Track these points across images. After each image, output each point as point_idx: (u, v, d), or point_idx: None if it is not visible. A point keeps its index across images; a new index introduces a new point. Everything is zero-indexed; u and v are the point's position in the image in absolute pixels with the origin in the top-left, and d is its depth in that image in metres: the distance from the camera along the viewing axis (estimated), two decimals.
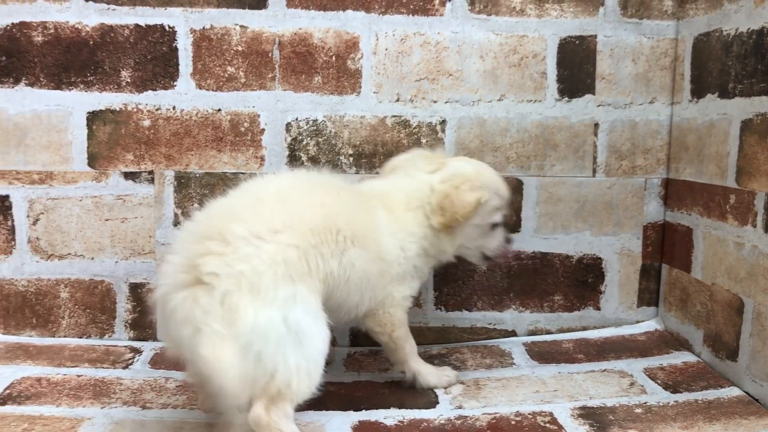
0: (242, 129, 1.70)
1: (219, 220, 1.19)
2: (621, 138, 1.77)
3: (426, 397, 1.44)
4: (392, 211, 1.42)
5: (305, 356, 1.14)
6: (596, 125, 1.76)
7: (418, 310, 1.78)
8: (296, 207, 1.25)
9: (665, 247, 1.81)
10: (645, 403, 1.39)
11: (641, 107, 1.76)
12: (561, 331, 1.82)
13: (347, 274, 1.29)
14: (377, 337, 1.47)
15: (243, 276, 1.12)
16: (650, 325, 1.82)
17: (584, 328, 1.82)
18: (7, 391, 1.41)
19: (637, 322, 1.83)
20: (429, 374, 1.49)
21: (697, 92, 1.65)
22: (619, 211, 1.79)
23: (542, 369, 1.59)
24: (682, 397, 1.41)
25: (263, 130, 1.70)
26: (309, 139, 1.71)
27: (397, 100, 1.72)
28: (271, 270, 1.14)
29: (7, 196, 1.69)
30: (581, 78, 1.74)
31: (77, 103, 1.67)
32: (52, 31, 1.65)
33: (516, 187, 1.75)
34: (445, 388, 1.49)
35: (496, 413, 1.36)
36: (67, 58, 1.66)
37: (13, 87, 1.66)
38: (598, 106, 1.75)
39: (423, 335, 1.78)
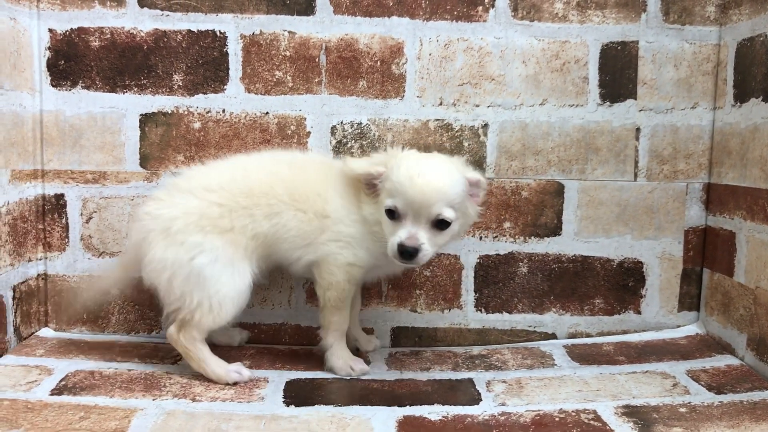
0: (289, 132, 1.74)
1: (183, 175, 1.54)
2: (662, 142, 1.78)
3: (469, 395, 1.46)
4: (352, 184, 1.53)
5: (208, 296, 1.44)
6: (638, 130, 1.77)
7: (459, 311, 1.80)
8: (241, 173, 1.51)
9: (707, 251, 1.81)
10: (689, 402, 1.39)
11: (683, 112, 1.77)
12: (601, 334, 1.82)
13: (280, 234, 1.49)
14: (316, 289, 1.55)
15: (161, 218, 1.46)
16: (691, 329, 1.82)
17: (624, 332, 1.82)
18: (63, 383, 1.46)
19: (678, 326, 1.83)
20: (337, 357, 1.56)
21: (741, 97, 1.66)
22: (660, 216, 1.80)
23: (584, 370, 1.60)
24: (727, 398, 1.42)
25: (309, 132, 1.74)
26: (353, 141, 1.75)
27: (440, 104, 1.75)
28: (183, 219, 1.45)
29: (62, 195, 1.75)
30: (623, 83, 1.76)
31: (131, 105, 1.73)
32: (108, 36, 1.71)
33: (557, 191, 1.77)
34: (346, 377, 1.55)
35: (539, 410, 1.37)
36: (122, 62, 1.72)
37: (70, 90, 1.72)
38: (640, 110, 1.77)
39: (463, 336, 1.80)
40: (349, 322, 1.67)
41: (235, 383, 1.49)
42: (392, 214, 1.40)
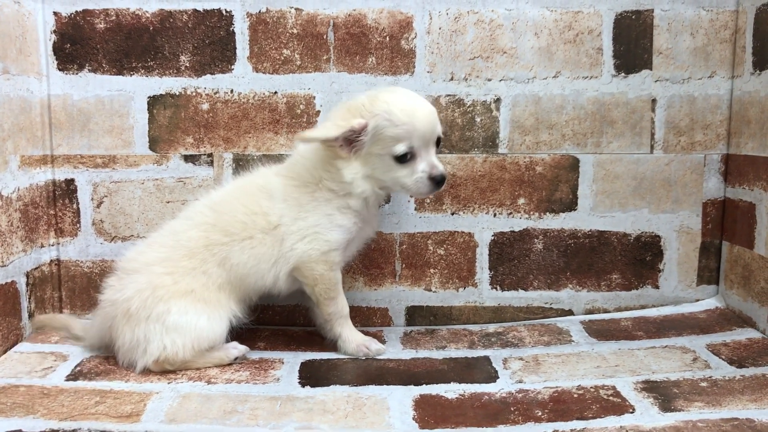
0: (298, 111, 1.72)
1: (125, 258, 1.52)
2: (679, 113, 1.74)
3: (485, 372, 1.44)
4: (288, 176, 1.52)
5: (191, 339, 1.43)
6: (654, 101, 1.73)
7: (474, 289, 1.78)
8: (171, 240, 1.49)
9: (726, 223, 1.77)
10: (710, 377, 1.37)
11: (700, 82, 1.73)
12: (619, 309, 1.80)
13: (242, 272, 1.48)
14: (305, 289, 1.55)
15: (117, 303, 1.45)
16: (710, 303, 1.79)
17: (642, 307, 1.80)
18: (78, 368, 1.46)
19: (697, 300, 1.80)
20: (348, 342, 1.55)
21: (760, 64, 1.62)
22: (677, 188, 1.76)
23: (601, 345, 1.58)
24: (749, 371, 1.39)
25: (318, 111, 1.71)
26: None
27: (451, 79, 1.72)
28: (137, 297, 1.43)
29: (72, 180, 1.74)
30: (638, 53, 1.72)
31: (138, 87, 1.71)
32: (113, 18, 1.69)
33: (572, 165, 1.74)
34: (363, 357, 1.54)
35: (557, 387, 1.35)
36: (128, 44, 1.70)
37: (77, 73, 1.71)
38: (656, 81, 1.73)
39: (478, 314, 1.78)
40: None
41: (236, 359, 1.50)
42: (404, 157, 1.42)
